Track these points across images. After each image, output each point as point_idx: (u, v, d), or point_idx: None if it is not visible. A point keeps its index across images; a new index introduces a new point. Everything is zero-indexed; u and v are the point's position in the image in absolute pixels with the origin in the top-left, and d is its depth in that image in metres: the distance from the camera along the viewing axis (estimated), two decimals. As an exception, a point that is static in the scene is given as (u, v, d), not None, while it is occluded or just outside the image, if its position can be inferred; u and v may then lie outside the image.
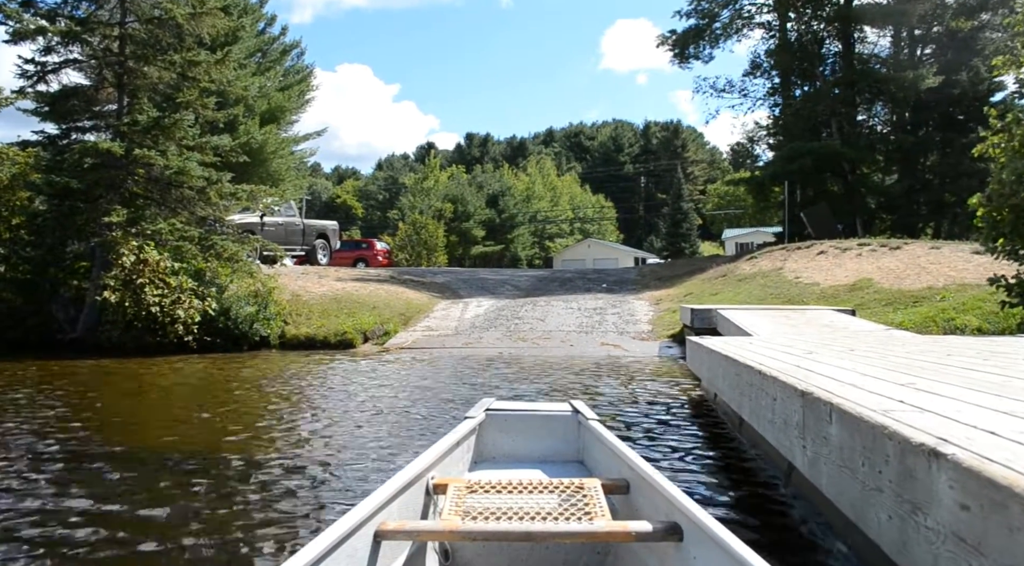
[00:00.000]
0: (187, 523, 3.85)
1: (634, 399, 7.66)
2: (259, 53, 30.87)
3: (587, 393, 8.11)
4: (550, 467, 3.41)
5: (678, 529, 2.16)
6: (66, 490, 4.48)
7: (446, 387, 8.80)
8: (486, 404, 3.73)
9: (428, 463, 2.76)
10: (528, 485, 2.71)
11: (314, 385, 9.30)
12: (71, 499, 4.27)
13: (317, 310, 15.17)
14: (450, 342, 13.58)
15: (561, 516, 2.34)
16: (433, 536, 2.28)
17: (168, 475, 4.85)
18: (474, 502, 2.56)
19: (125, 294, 12.86)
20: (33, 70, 14.41)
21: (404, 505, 2.48)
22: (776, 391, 3.19)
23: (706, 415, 6.60)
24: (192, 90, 14.60)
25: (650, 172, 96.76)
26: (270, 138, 27.78)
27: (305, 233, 23.48)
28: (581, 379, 9.26)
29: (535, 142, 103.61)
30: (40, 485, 4.61)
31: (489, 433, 3.60)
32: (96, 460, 5.26)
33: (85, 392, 9.05)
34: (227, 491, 4.48)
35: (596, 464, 3.28)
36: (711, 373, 5.47)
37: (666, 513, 2.28)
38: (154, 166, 13.69)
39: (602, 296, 18.32)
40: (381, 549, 2.21)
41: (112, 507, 4.13)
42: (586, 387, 8.58)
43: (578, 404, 3.72)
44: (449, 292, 19.31)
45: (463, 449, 3.29)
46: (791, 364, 3.77)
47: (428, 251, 45.12)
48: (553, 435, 3.61)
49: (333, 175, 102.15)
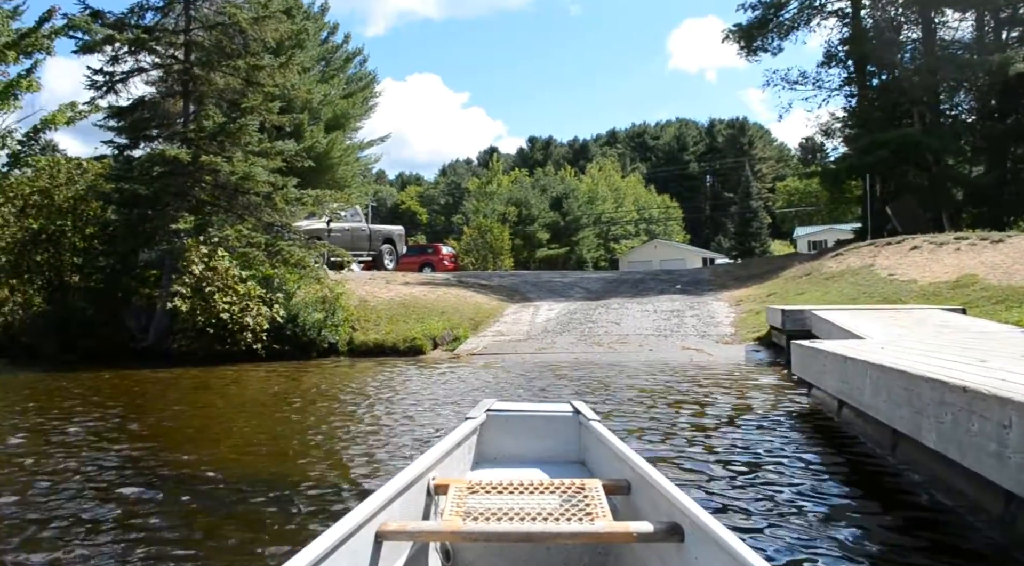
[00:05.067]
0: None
1: (737, 412, 6.95)
2: (323, 61, 31.03)
3: (681, 405, 7.43)
4: (551, 468, 3.37)
5: (679, 530, 2.15)
6: (125, 507, 4.06)
7: (534, 398, 8.23)
8: (487, 404, 3.66)
9: (429, 463, 2.73)
10: (529, 486, 2.69)
11: (390, 396, 8.85)
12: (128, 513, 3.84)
13: (385, 316, 14.80)
14: (522, 347, 13.02)
15: (562, 517, 2.33)
16: (434, 537, 2.30)
17: (240, 502, 4.40)
18: (475, 503, 2.53)
19: (196, 302, 12.71)
20: (102, 81, 14.48)
21: (405, 505, 2.46)
22: (1000, 413, 2.48)
23: (831, 432, 5.81)
24: (256, 95, 14.44)
25: (716, 171, 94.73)
26: (335, 145, 27.82)
27: (372, 238, 23.28)
28: (671, 388, 8.59)
29: (598, 143, 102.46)
30: (99, 501, 4.22)
31: (490, 433, 3.55)
32: (162, 478, 4.88)
33: (159, 402, 8.82)
34: (292, 524, 3.99)
35: (597, 465, 3.25)
36: (842, 383, 4.74)
37: (667, 514, 2.27)
38: (220, 172, 13.55)
39: (678, 298, 17.51)
40: (382, 549, 2.20)
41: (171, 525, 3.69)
42: (677, 399, 7.90)
43: (579, 404, 3.65)
44: (518, 296, 18.76)
45: (464, 449, 3.26)
46: (990, 377, 3.05)
47: (494, 255, 44.71)
48: (554, 436, 3.57)
49: (397, 181, 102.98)
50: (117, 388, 10.31)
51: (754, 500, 4.04)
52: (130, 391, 10.06)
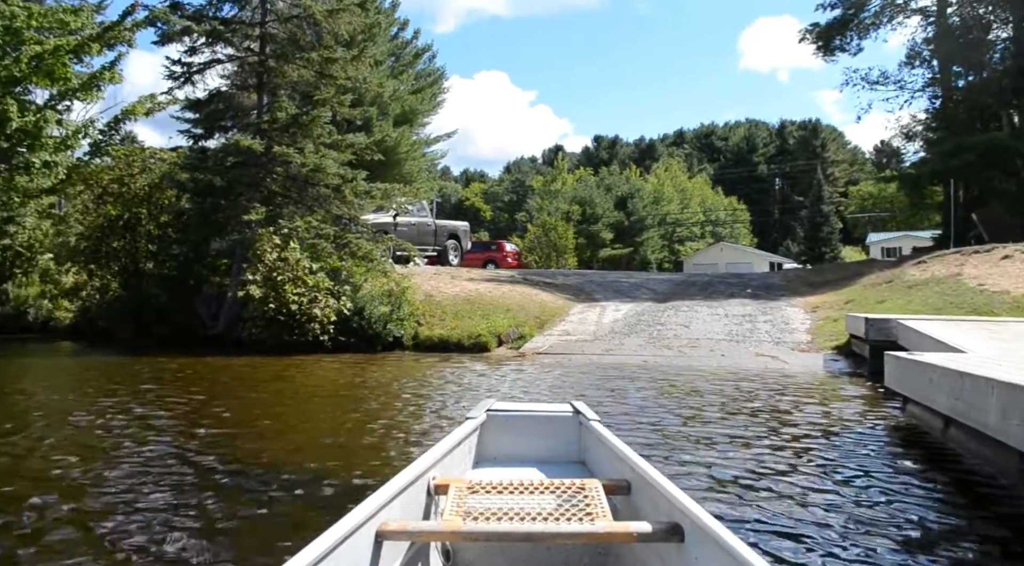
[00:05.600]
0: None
1: (826, 425, 6.57)
2: (392, 57, 31.20)
3: (763, 414, 7.07)
4: (551, 467, 3.34)
5: (679, 530, 2.15)
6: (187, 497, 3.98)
7: (608, 404, 7.97)
8: (487, 404, 3.62)
9: (429, 463, 2.71)
10: (529, 486, 2.67)
11: (464, 393, 8.70)
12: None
13: (450, 311, 14.69)
14: (589, 348, 12.74)
15: (562, 517, 2.32)
16: (434, 536, 2.30)
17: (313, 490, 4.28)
18: (475, 502, 2.52)
19: (267, 290, 12.81)
20: (180, 71, 14.72)
21: (405, 505, 2.45)
22: None
23: (936, 452, 5.37)
24: (329, 87, 14.49)
25: (786, 173, 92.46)
26: (403, 140, 27.93)
27: (437, 233, 23.26)
28: (751, 395, 8.21)
29: (664, 143, 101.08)
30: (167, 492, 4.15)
31: (490, 433, 3.52)
32: (243, 463, 4.83)
33: (236, 388, 8.90)
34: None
35: (597, 464, 3.23)
36: (955, 400, 4.34)
37: (667, 514, 2.26)
38: (292, 163, 13.63)
39: (749, 302, 16.98)
40: (382, 549, 2.19)
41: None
42: (757, 408, 7.54)
43: (579, 404, 3.61)
44: (583, 295, 18.45)
45: (464, 449, 3.25)
46: None
47: (557, 253, 44.41)
48: (554, 435, 3.54)
49: (461, 178, 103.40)
50: (195, 374, 10.48)
51: (872, 526, 3.71)
52: (207, 377, 10.20)
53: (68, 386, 9.55)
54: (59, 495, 4.31)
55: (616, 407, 7.40)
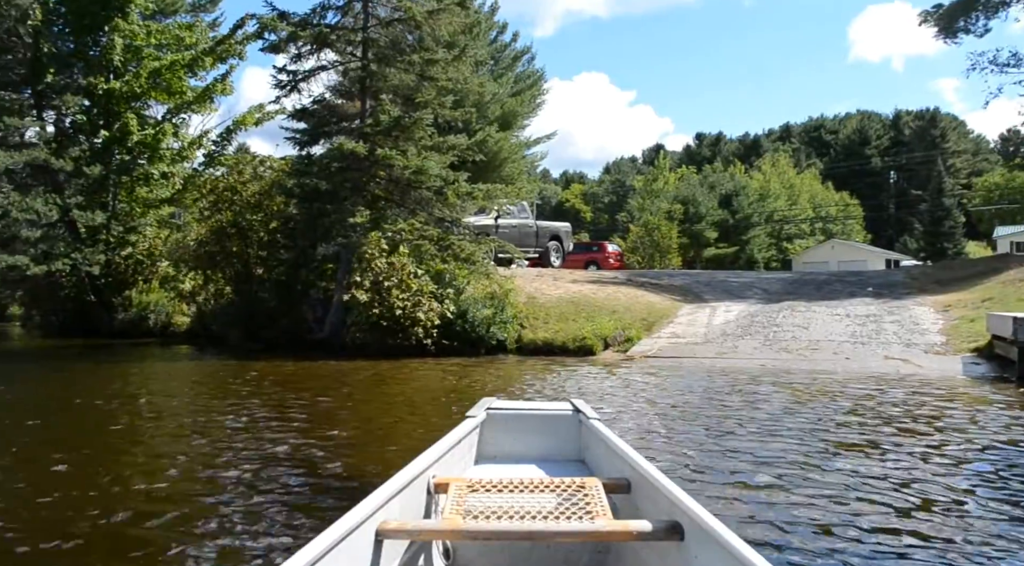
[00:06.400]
0: None
1: (982, 435, 5.88)
2: (492, 60, 31.18)
3: (905, 423, 6.41)
4: (551, 466, 3.33)
5: (679, 528, 2.13)
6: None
7: (745, 411, 7.46)
8: (487, 403, 3.61)
9: (429, 462, 2.70)
10: (529, 484, 2.66)
11: (588, 400, 8.35)
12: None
13: (554, 314, 14.37)
14: (701, 351, 12.15)
15: (562, 515, 2.32)
16: (434, 535, 2.30)
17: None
18: (475, 501, 2.52)
19: (373, 295, 12.82)
20: (286, 79, 14.97)
21: (405, 504, 2.45)
22: None
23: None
24: (430, 89, 14.43)
25: (902, 166, 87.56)
26: (504, 142, 27.83)
27: (538, 235, 22.95)
28: (890, 402, 7.53)
29: (770, 139, 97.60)
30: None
31: (490, 432, 3.51)
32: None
33: (353, 391, 8.98)
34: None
35: (597, 463, 3.21)
36: None
37: (667, 512, 2.25)
38: (394, 166, 13.63)
39: (871, 301, 15.92)
40: (382, 548, 2.18)
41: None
42: (894, 415, 6.87)
43: (579, 403, 3.58)
44: (691, 296, 17.76)
45: (464, 448, 3.23)
46: None
47: (661, 253, 43.40)
48: (554, 434, 3.53)
49: (561, 180, 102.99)
50: (309, 376, 10.62)
51: None
52: (320, 380, 10.29)
53: (206, 392, 9.76)
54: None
55: (751, 412, 6.91)
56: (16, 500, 4.53)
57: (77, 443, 6.12)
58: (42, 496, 4.49)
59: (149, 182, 20.58)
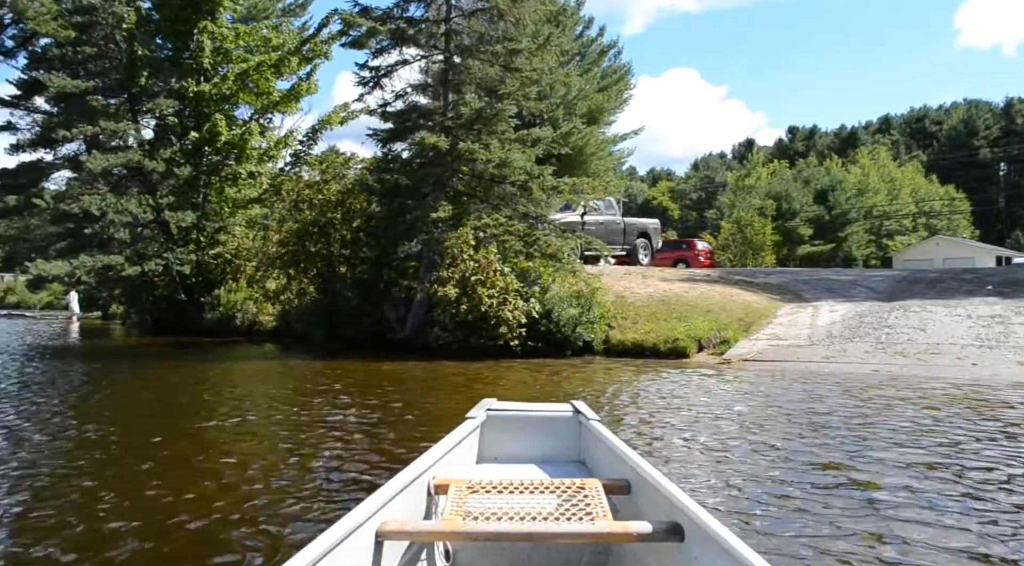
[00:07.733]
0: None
1: None
2: (578, 55, 30.56)
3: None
4: (551, 467, 3.32)
5: (679, 529, 2.12)
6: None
7: (875, 418, 6.65)
8: (487, 404, 3.59)
9: (429, 463, 2.68)
10: (529, 485, 2.65)
11: (688, 418, 7.69)
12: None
13: (644, 313, 13.65)
14: (806, 354, 11.22)
15: (562, 516, 2.30)
16: (434, 536, 2.26)
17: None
18: (475, 502, 2.49)
19: (461, 292, 12.42)
20: (369, 76, 14.73)
21: (405, 505, 2.42)
22: None
23: None
24: (514, 81, 13.93)
25: (1014, 157, 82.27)
26: (590, 138, 27.18)
27: (626, 232, 22.18)
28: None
29: (868, 131, 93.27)
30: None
31: (490, 433, 3.48)
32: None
33: (439, 396, 8.57)
34: None
35: (597, 464, 3.19)
36: None
37: (667, 513, 2.24)
38: (477, 161, 13.18)
39: (995, 300, 14.55)
40: (382, 549, 2.17)
41: None
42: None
43: (579, 404, 3.56)
44: (790, 294, 16.69)
45: (464, 449, 3.21)
46: None
47: (754, 251, 41.71)
48: (554, 435, 3.50)
49: (648, 177, 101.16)
50: (395, 377, 10.30)
51: None
52: (416, 382, 9.99)
53: (301, 389, 9.52)
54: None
55: (893, 420, 6.10)
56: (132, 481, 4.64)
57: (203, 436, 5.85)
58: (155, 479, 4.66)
59: (237, 182, 20.80)
